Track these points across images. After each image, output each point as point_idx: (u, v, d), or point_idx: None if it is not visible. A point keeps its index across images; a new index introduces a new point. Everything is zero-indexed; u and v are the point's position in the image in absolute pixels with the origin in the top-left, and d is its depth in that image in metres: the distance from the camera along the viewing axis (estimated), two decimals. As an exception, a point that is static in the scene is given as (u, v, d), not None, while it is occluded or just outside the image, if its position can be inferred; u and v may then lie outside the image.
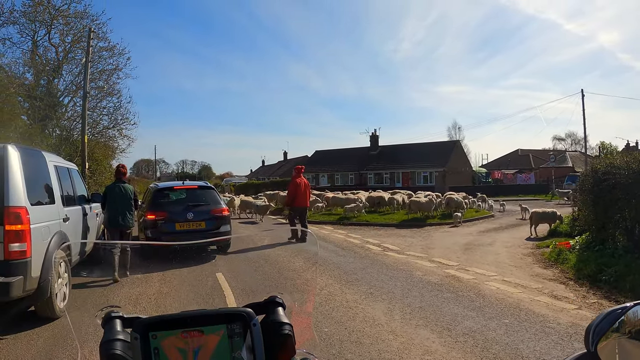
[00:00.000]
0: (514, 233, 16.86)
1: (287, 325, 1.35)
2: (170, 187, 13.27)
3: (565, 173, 46.82)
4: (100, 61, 28.50)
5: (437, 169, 51.00)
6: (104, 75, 28.92)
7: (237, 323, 1.27)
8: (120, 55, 28.89)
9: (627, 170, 10.28)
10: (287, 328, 1.34)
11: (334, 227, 19.41)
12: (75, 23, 26.55)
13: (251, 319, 1.28)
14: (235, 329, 1.27)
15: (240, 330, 1.27)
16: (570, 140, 79.99)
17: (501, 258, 11.76)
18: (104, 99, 29.96)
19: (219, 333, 1.26)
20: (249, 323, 1.27)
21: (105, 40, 28.17)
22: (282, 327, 1.34)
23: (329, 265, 10.69)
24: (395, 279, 9.27)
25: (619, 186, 10.34)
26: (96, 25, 26.73)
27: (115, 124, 31.05)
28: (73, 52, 27.22)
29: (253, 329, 1.27)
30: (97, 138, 31.33)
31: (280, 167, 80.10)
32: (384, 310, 7.11)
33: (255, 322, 1.28)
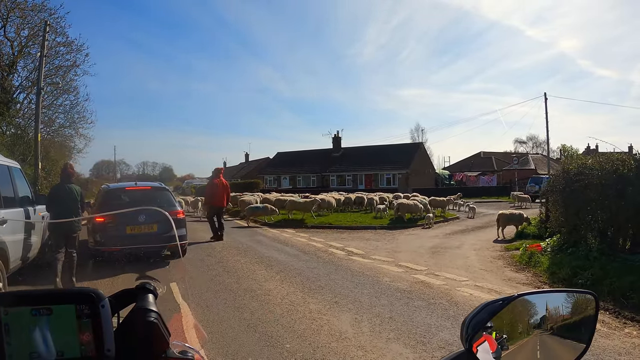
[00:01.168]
0: (480, 235, 16.53)
1: (154, 313, 1.29)
2: (121, 188, 12.41)
3: (527, 175, 47.39)
4: (57, 57, 27.13)
5: (400, 171, 50.88)
6: (60, 71, 27.58)
7: (87, 304, 1.21)
8: (79, 51, 27.49)
9: (600, 171, 9.98)
10: (152, 315, 1.28)
11: (296, 230, 18.69)
12: (32, 16, 25.03)
13: (100, 300, 1.22)
14: (85, 309, 1.20)
15: (89, 312, 1.20)
16: (531, 143, 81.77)
17: (471, 262, 11.30)
18: (60, 96, 28.68)
19: (68, 313, 1.20)
20: (97, 304, 1.21)
21: (63, 35, 26.68)
22: (147, 314, 1.28)
23: (290, 272, 9.99)
24: (361, 286, 8.62)
25: (592, 187, 10.03)
26: (54, 19, 25.36)
27: (71, 123, 29.90)
28: (29, 47, 25.76)
29: (101, 311, 1.21)
30: (52, 137, 30.16)
31: (242, 168, 78.93)
32: (351, 322, 6.44)
33: (104, 304, 1.22)
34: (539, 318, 1.16)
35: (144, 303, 1.33)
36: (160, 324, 1.29)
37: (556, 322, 1.18)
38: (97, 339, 1.20)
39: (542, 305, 1.17)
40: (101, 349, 1.19)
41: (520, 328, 1.13)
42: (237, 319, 6.59)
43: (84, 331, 1.20)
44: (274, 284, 8.89)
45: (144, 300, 1.34)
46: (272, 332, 6.02)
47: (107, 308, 1.22)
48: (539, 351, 1.15)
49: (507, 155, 67.89)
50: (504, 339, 1.11)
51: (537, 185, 37.78)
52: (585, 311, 1.22)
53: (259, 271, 10.12)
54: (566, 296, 1.23)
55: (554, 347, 1.18)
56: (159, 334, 1.28)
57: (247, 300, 7.64)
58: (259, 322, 6.44)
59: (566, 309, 1.20)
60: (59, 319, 1.19)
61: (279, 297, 7.86)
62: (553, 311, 1.18)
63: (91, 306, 1.21)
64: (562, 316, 1.19)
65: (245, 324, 6.37)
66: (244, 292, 8.26)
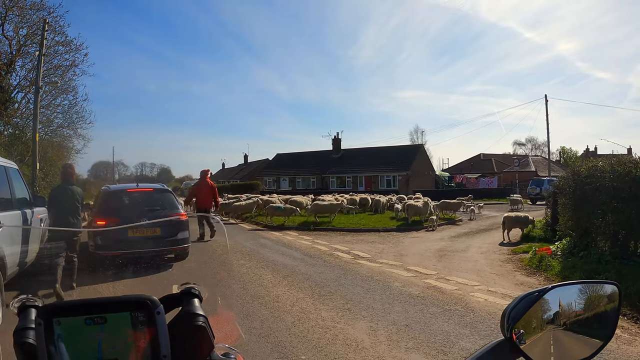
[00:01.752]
0: (485, 238, 16.33)
1: (201, 317, 1.27)
2: (123, 190, 12.11)
3: (528, 177, 47.23)
4: (56, 56, 26.89)
5: (400, 173, 50.64)
6: (59, 70, 27.35)
7: (142, 311, 1.18)
8: (77, 50, 27.26)
9: (612, 173, 9.78)
10: (200, 319, 1.26)
11: (299, 232, 18.47)
12: (30, 15, 24.81)
13: (155, 306, 1.19)
14: (140, 317, 1.18)
15: (144, 319, 1.18)
16: (530, 145, 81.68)
17: (480, 265, 11.11)
18: (58, 96, 28.40)
19: (123, 320, 1.17)
20: (153, 311, 1.18)
21: (62, 34, 26.44)
22: (195, 318, 1.26)
23: (297, 276, 9.77)
24: (372, 292, 8.41)
25: (603, 189, 9.83)
26: (52, 18, 25.14)
27: (70, 123, 29.59)
28: (27, 45, 25.52)
29: (157, 317, 1.18)
30: (50, 137, 29.81)
31: (241, 170, 78.60)
32: (367, 330, 6.22)
33: (159, 310, 1.19)
34: (552, 314, 1.14)
35: (191, 307, 1.31)
36: (208, 328, 1.28)
37: (570, 317, 1.16)
38: (152, 345, 1.18)
39: (557, 300, 1.15)
40: (157, 355, 1.18)
41: (534, 323, 1.13)
42: (246, 327, 6.33)
43: (139, 338, 1.19)
44: (282, 289, 8.67)
45: (190, 304, 1.32)
46: (285, 342, 5.79)
47: (162, 315, 1.21)
48: (552, 346, 1.14)
49: (507, 157, 67.82)
50: (522, 334, 1.11)
51: (539, 187, 37.69)
52: (606, 304, 1.19)
53: (265, 276, 9.89)
54: (586, 288, 1.20)
55: (569, 343, 1.16)
56: (207, 337, 1.27)
57: (255, 308, 7.41)
58: (270, 331, 6.21)
59: (585, 302, 1.18)
60: (114, 327, 1.18)
61: (288, 303, 7.63)
62: (568, 306, 1.16)
63: (146, 313, 1.20)
64: (579, 311, 1.17)
65: (256, 333, 6.13)
66: (251, 298, 8.02)
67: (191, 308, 1.30)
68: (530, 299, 1.12)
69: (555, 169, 50.39)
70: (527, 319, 1.12)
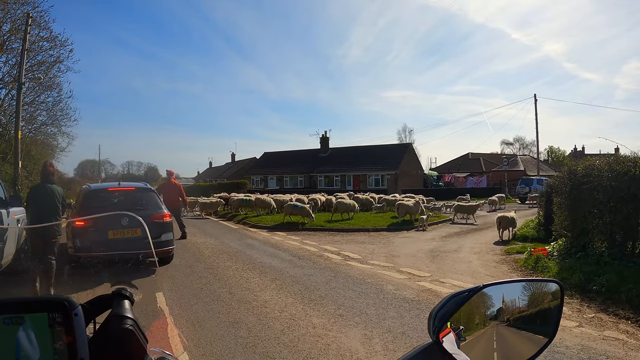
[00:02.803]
0: (477, 238, 16.08)
1: (129, 320, 1.24)
2: (103, 189, 11.63)
3: (517, 176, 47.35)
4: (40, 52, 26.35)
5: (389, 172, 50.47)
6: (43, 67, 26.79)
7: (60, 312, 1.16)
8: (62, 46, 26.66)
9: (609, 172, 9.51)
10: (129, 322, 1.24)
11: (287, 233, 18.07)
12: (14, 10, 24.20)
13: (73, 307, 1.17)
14: (57, 318, 1.16)
15: (61, 320, 1.16)
16: (518, 145, 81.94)
17: (474, 266, 10.80)
18: (42, 92, 27.96)
19: (40, 321, 1.15)
20: (70, 312, 1.16)
21: (46, 29, 25.82)
22: (123, 321, 1.24)
23: (286, 280, 9.37)
24: (365, 296, 8.03)
25: (600, 189, 9.56)
26: (37, 13, 24.58)
27: (54, 120, 29.23)
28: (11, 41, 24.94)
29: (74, 319, 1.16)
30: (34, 135, 29.42)
31: (228, 169, 78.15)
32: (361, 339, 5.83)
33: (77, 311, 1.17)
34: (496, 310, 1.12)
35: (120, 310, 1.28)
36: (137, 331, 1.24)
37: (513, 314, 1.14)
38: (70, 347, 1.15)
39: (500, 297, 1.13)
40: (75, 357, 1.14)
41: (477, 319, 1.11)
42: (232, 336, 5.93)
43: (57, 340, 1.15)
44: (270, 293, 8.26)
45: (119, 306, 1.29)
46: (274, 352, 5.38)
47: (80, 316, 1.17)
48: (496, 342, 1.11)
49: (495, 156, 68.06)
50: (461, 330, 1.09)
51: (527, 186, 37.69)
52: (550, 302, 1.18)
53: (252, 279, 9.47)
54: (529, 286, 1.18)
55: (512, 339, 1.14)
56: (136, 341, 1.23)
57: (242, 314, 6.98)
58: (257, 340, 5.80)
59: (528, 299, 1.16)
60: (32, 328, 1.14)
61: (277, 309, 7.22)
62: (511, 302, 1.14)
63: (64, 314, 1.16)
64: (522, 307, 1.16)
65: (243, 342, 5.72)
66: (238, 303, 7.60)
67: (120, 310, 1.27)
68: (459, 298, 1.09)
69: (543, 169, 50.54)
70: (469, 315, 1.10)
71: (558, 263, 9.92)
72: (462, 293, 1.11)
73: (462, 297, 1.10)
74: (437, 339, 1.06)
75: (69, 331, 1.15)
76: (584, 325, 6.52)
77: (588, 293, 8.00)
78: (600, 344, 5.74)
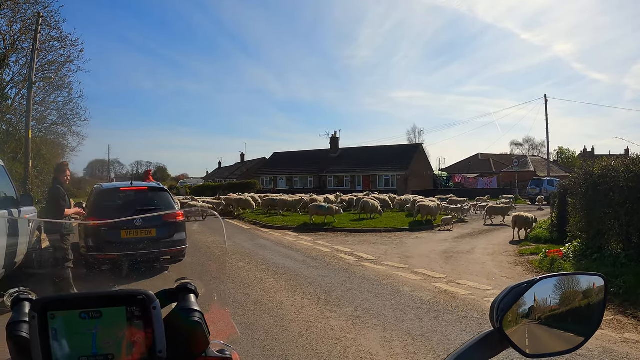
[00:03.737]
0: (490, 239, 15.99)
1: (197, 313, 1.25)
2: (116, 188, 11.59)
3: (527, 177, 47.03)
4: (51, 52, 26.35)
5: (399, 172, 50.28)
6: (53, 66, 26.76)
7: (138, 306, 1.16)
8: (73, 46, 26.71)
9: (626, 173, 9.40)
10: (196, 315, 1.24)
11: (298, 233, 18.06)
12: (25, 10, 24.27)
13: (151, 302, 1.17)
14: (135, 311, 1.16)
15: (140, 314, 1.16)
16: (528, 146, 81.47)
17: (489, 268, 10.74)
18: (53, 92, 27.99)
19: (118, 315, 1.15)
20: (149, 306, 1.16)
21: (56, 29, 25.86)
22: (191, 314, 1.24)
23: (301, 281, 9.35)
24: (382, 297, 8.00)
25: (616, 190, 9.46)
26: (47, 13, 24.58)
27: (64, 120, 29.15)
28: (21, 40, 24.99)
29: (153, 313, 1.16)
30: (44, 135, 29.38)
31: (238, 169, 78.17)
32: (380, 341, 5.80)
33: (155, 305, 1.17)
34: (528, 308, 1.12)
35: (187, 303, 1.29)
36: (204, 324, 1.25)
37: (545, 312, 1.13)
38: (148, 340, 1.16)
39: (532, 295, 1.12)
40: (153, 350, 1.16)
41: (510, 317, 1.10)
42: (250, 339, 5.91)
43: (135, 333, 1.17)
44: (286, 295, 8.24)
45: (186, 300, 1.30)
46: (293, 355, 5.36)
47: (158, 310, 1.18)
48: (528, 340, 1.11)
49: (505, 157, 67.64)
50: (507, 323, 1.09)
51: (538, 187, 37.43)
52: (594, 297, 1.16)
53: (267, 280, 9.46)
54: (560, 283, 1.16)
55: (544, 337, 1.14)
56: (202, 333, 1.24)
57: (258, 316, 6.97)
58: (275, 343, 5.78)
59: (560, 297, 1.14)
60: (109, 322, 1.15)
61: (293, 311, 7.20)
62: (543, 301, 1.13)
63: (142, 308, 1.17)
64: (554, 306, 1.14)
65: (261, 345, 5.70)
66: (253, 305, 7.59)
67: (187, 304, 1.28)
68: (519, 290, 1.12)
69: (554, 169, 50.24)
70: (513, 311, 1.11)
71: (574, 265, 9.86)
72: (521, 285, 1.13)
73: (521, 289, 1.12)
74: (500, 327, 1.08)
75: (147, 324, 1.17)
76: (603, 327, 6.41)
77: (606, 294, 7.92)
78: (622, 347, 5.68)
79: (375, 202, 22.55)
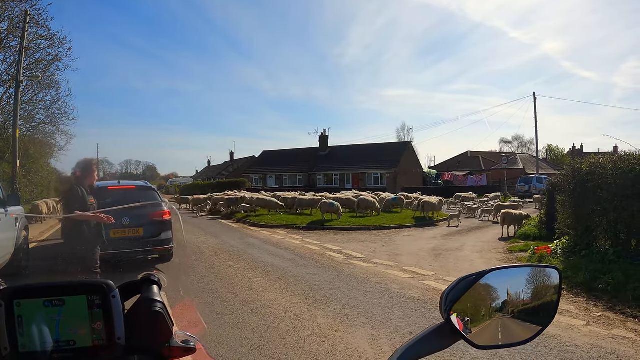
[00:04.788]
0: (479, 236, 16.04)
1: (159, 303, 1.27)
2: (103, 188, 11.47)
3: (516, 175, 47.34)
4: (39, 50, 26.30)
5: (388, 170, 50.37)
6: (41, 65, 26.72)
7: (98, 295, 1.20)
8: (61, 44, 26.67)
9: (614, 170, 9.42)
10: (158, 305, 1.26)
11: (287, 231, 18.03)
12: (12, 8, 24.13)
13: (111, 290, 1.22)
14: (96, 300, 1.20)
15: (100, 302, 1.20)
16: (517, 143, 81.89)
17: (477, 265, 10.73)
18: (40, 91, 27.92)
19: (80, 303, 1.20)
20: (108, 295, 1.21)
21: (44, 27, 25.77)
22: (153, 304, 1.27)
23: (289, 279, 9.28)
24: (370, 295, 7.96)
25: (605, 187, 9.47)
26: (35, 11, 24.46)
27: (52, 119, 29.16)
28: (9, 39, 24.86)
29: (112, 301, 1.21)
30: (32, 134, 29.32)
31: (227, 167, 78.01)
32: (368, 339, 5.76)
33: (115, 294, 1.22)
34: (501, 302, 1.15)
35: (150, 294, 1.30)
36: (165, 314, 1.27)
37: (518, 306, 1.16)
38: (107, 328, 1.19)
39: (505, 289, 1.16)
40: (112, 337, 1.20)
41: (483, 311, 1.14)
42: (237, 337, 5.84)
43: (95, 321, 1.21)
44: (274, 293, 8.18)
45: (149, 291, 1.32)
46: (280, 354, 5.30)
47: (117, 298, 1.22)
48: (501, 333, 1.14)
49: (494, 154, 67.99)
50: (467, 321, 1.12)
51: (527, 185, 37.68)
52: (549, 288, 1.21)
53: (255, 279, 9.39)
54: (532, 277, 1.20)
55: (516, 330, 1.17)
56: (164, 323, 1.26)
57: (246, 314, 6.89)
58: (263, 341, 5.71)
59: (532, 291, 1.19)
60: (71, 310, 1.19)
61: (281, 309, 7.14)
62: (516, 295, 1.17)
63: (102, 297, 1.21)
64: (526, 300, 1.18)
65: (248, 344, 5.63)
66: (241, 304, 7.51)
67: (149, 294, 1.30)
68: (468, 281, 1.13)
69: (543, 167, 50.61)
70: (475, 307, 1.13)
71: (562, 261, 9.85)
72: (470, 276, 1.14)
73: (470, 280, 1.14)
74: (449, 318, 1.10)
75: (106, 313, 1.20)
76: (591, 324, 6.46)
77: (594, 292, 7.95)
78: (610, 343, 5.68)
79: (370, 199, 22.89)
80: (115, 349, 1.20)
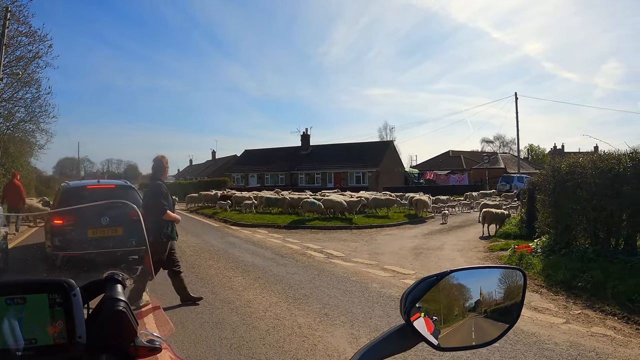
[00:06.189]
0: (460, 235, 16.11)
1: (122, 302, 1.28)
2: (82, 186, 11.32)
3: (497, 174, 47.71)
4: (19, 47, 25.87)
5: (370, 170, 50.44)
6: (21, 62, 26.24)
7: (59, 293, 1.21)
8: (42, 42, 26.24)
9: (593, 170, 9.50)
10: (121, 304, 1.27)
11: (268, 230, 17.94)
12: (-9, 5, 23.57)
13: (71, 289, 1.22)
14: (57, 298, 1.21)
15: (60, 300, 1.21)
16: (498, 143, 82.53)
17: (458, 263, 10.74)
18: (21, 88, 27.47)
19: (41, 302, 1.20)
20: (69, 293, 1.21)
21: (25, 24, 25.36)
22: (116, 303, 1.27)
23: (269, 278, 9.21)
24: (350, 294, 7.92)
25: (584, 186, 9.55)
26: (16, 7, 24.04)
27: (32, 117, 28.75)
28: (-12, 37, 24.28)
29: (73, 299, 1.21)
30: (12, 132, 29.00)
31: (209, 166, 77.48)
32: (348, 338, 5.72)
33: (75, 292, 1.22)
34: (474, 302, 1.16)
35: (113, 293, 1.31)
36: (129, 313, 1.27)
37: (490, 305, 1.17)
38: (69, 326, 1.19)
39: (478, 289, 1.17)
40: (73, 335, 1.19)
41: (456, 311, 1.14)
42: (217, 337, 5.76)
43: (56, 319, 1.20)
44: (254, 292, 8.10)
45: (112, 290, 1.32)
46: (260, 353, 5.22)
47: (78, 297, 1.22)
48: (474, 332, 1.15)
49: (475, 154, 68.42)
50: (436, 321, 1.12)
51: (508, 184, 38.02)
52: (515, 288, 1.21)
53: (235, 278, 9.29)
54: (504, 277, 1.21)
55: (489, 329, 1.17)
56: (128, 322, 1.26)
57: (226, 314, 6.81)
58: (242, 341, 5.64)
59: (504, 291, 1.19)
60: (33, 308, 1.19)
61: (261, 309, 7.07)
62: (489, 295, 1.18)
63: (63, 295, 1.21)
64: (498, 299, 1.19)
65: (227, 344, 5.55)
66: (221, 303, 7.42)
67: (113, 293, 1.30)
68: (428, 282, 1.13)
69: (524, 166, 51.02)
70: (448, 307, 1.14)
71: (542, 260, 9.92)
72: (431, 277, 1.14)
73: (430, 281, 1.13)
74: (409, 320, 1.10)
75: (67, 311, 1.20)
76: (571, 322, 6.50)
77: (573, 290, 8.01)
78: (589, 340, 5.70)
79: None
80: (76, 348, 1.19)
